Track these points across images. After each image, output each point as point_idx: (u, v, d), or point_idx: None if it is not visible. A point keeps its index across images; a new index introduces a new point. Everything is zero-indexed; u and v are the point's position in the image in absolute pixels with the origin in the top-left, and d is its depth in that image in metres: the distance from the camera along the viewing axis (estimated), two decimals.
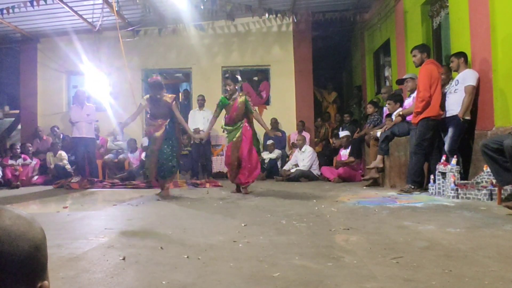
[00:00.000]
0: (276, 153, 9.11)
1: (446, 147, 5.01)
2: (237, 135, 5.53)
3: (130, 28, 9.55)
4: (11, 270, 0.71)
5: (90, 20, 9.11)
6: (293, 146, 9.13)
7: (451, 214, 3.49)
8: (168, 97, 5.46)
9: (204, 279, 1.81)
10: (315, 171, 8.40)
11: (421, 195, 4.95)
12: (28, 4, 7.61)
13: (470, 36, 5.24)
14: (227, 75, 5.92)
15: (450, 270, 1.84)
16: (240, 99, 5.51)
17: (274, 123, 9.57)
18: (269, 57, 10.09)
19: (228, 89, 5.57)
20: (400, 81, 6.33)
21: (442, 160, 4.85)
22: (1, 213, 0.75)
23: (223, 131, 6.05)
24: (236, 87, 5.61)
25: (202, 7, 7.86)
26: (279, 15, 8.91)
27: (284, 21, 9.70)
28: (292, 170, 8.33)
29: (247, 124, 5.56)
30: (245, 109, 5.55)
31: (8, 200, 5.68)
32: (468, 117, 4.90)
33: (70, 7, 8.31)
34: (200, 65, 9.98)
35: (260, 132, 9.49)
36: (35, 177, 8.64)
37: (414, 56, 5.36)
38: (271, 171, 8.91)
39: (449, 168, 4.62)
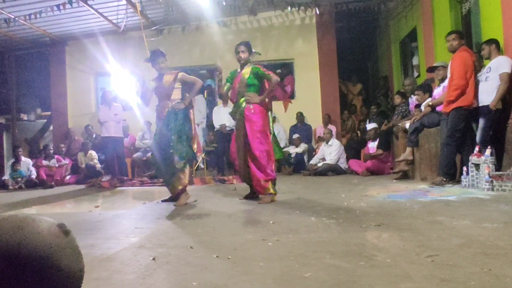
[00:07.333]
0: (303, 147, 9.04)
1: (478, 138, 4.83)
2: (239, 122, 4.53)
3: (154, 28, 9.66)
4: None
5: (115, 21, 9.25)
6: (320, 139, 9.04)
7: (487, 208, 3.37)
8: (170, 75, 4.63)
9: (235, 280, 1.79)
10: (343, 164, 8.29)
11: (454, 188, 4.81)
12: (55, 8, 7.80)
13: (502, 21, 5.03)
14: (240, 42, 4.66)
15: (490, 269, 1.76)
16: (247, 68, 4.48)
17: (300, 116, 9.50)
18: (292, 50, 10.00)
19: (243, 56, 4.47)
20: (431, 69, 6.13)
21: (475, 151, 4.69)
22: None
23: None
24: (250, 57, 4.54)
25: (224, 3, 7.86)
26: (301, 7, 8.80)
27: (307, 14, 9.58)
28: (319, 164, 8.25)
29: (250, 106, 4.37)
30: (254, 80, 4.43)
31: (46, 200, 5.88)
32: (499, 107, 4.71)
33: (95, 9, 8.47)
34: (224, 61, 9.99)
35: (286, 125, 9.49)
36: (68, 177, 8.91)
37: (453, 40, 5.06)
38: (298, 165, 8.86)
39: (483, 159, 4.46)
